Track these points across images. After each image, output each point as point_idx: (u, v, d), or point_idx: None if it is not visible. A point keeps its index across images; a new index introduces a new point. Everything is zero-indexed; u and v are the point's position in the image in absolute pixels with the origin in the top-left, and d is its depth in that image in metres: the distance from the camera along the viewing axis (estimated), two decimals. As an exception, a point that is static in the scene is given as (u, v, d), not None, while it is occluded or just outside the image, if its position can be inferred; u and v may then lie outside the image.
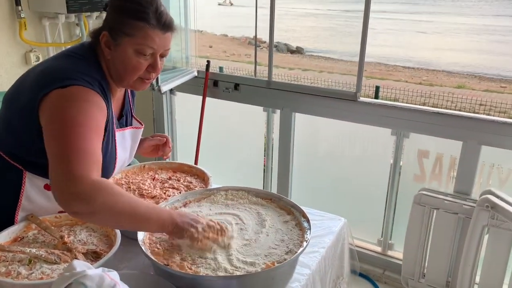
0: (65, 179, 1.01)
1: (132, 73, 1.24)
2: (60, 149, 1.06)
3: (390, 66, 12.49)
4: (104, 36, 1.22)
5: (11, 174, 1.28)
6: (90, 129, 1.11)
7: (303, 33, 13.40)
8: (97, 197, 1.00)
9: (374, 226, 2.69)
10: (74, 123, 1.08)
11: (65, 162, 1.03)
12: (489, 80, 12.17)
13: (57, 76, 1.16)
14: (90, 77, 1.19)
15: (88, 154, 1.06)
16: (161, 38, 1.22)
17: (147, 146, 1.64)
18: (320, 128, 2.75)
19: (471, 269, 2.16)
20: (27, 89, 1.20)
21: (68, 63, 1.22)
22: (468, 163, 2.23)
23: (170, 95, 3.10)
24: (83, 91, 1.15)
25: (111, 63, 1.25)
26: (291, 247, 1.16)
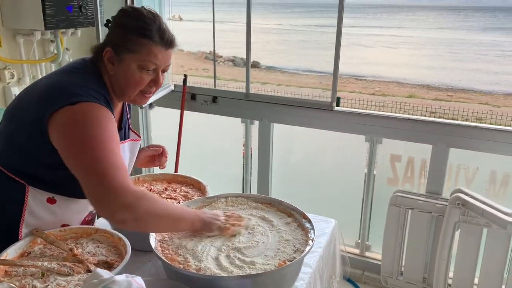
0: (108, 193, 1.07)
1: (134, 87, 1.27)
2: (93, 168, 1.10)
3: (344, 78, 12.95)
4: (108, 52, 1.26)
5: (14, 190, 1.27)
6: (112, 142, 1.15)
7: (259, 48, 13.66)
8: (140, 205, 1.09)
9: (351, 229, 2.81)
10: (98, 140, 1.12)
11: (103, 178, 1.08)
12: (436, 89, 12.85)
13: (64, 93, 1.18)
14: (96, 92, 1.22)
15: (120, 166, 1.11)
16: (163, 55, 1.26)
17: (143, 157, 1.65)
18: (298, 137, 2.86)
19: (446, 264, 2.31)
20: (32, 105, 1.21)
21: (73, 78, 1.24)
22: (438, 165, 2.40)
23: (147, 109, 3.11)
24: (93, 107, 1.18)
25: (114, 78, 1.28)
26: (298, 246, 1.23)
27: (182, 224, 1.23)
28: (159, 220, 1.16)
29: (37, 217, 1.31)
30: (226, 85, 3.12)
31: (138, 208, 1.08)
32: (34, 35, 2.54)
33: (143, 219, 1.11)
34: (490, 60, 14.47)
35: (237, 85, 2.92)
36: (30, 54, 2.61)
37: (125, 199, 1.07)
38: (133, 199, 1.08)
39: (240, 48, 2.74)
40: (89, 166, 1.11)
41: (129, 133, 1.51)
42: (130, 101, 1.34)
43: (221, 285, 1.11)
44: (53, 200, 1.30)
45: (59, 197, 1.30)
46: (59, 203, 1.31)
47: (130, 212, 1.07)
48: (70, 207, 1.34)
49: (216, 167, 3.19)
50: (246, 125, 2.89)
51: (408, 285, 2.51)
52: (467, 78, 13.35)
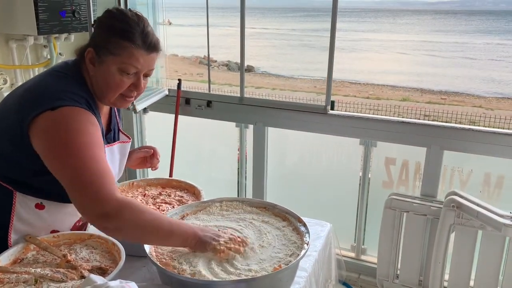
0: (92, 202, 1.08)
1: (114, 90, 1.25)
2: (76, 175, 1.10)
3: (338, 82, 13.01)
4: (89, 53, 1.24)
5: (1, 195, 1.26)
6: (96, 148, 1.14)
7: (253, 53, 13.66)
8: (123, 215, 1.08)
9: (346, 232, 2.80)
10: (80, 147, 1.11)
11: (87, 186, 1.08)
12: (430, 93, 12.93)
13: (45, 97, 1.16)
14: (78, 96, 1.20)
15: (104, 173, 1.10)
16: (145, 59, 1.24)
17: (134, 158, 1.64)
18: (292, 141, 2.86)
19: (441, 266, 2.31)
20: (13, 110, 1.20)
21: (53, 82, 1.22)
22: (432, 167, 2.41)
23: (141, 113, 3.10)
24: (75, 112, 1.16)
25: (94, 79, 1.26)
26: (293, 250, 1.23)
27: (172, 239, 1.16)
28: (144, 232, 1.12)
29: (26, 223, 1.29)
30: (220, 89, 3.13)
31: (121, 218, 1.07)
32: (27, 40, 2.52)
33: (126, 229, 1.10)
34: (483, 63, 14.59)
35: (231, 90, 2.93)
36: (23, 59, 2.60)
37: (108, 209, 1.06)
38: (116, 208, 1.07)
39: (234, 53, 2.75)
40: (72, 174, 1.10)
41: (119, 134, 1.49)
42: (110, 103, 1.32)
43: (216, 290, 1.10)
44: (41, 205, 1.29)
45: (47, 202, 1.29)
46: (47, 208, 1.30)
47: (113, 221, 1.07)
48: (59, 212, 1.33)
49: (211, 172, 3.18)
50: (240, 129, 2.89)
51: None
52: (461, 81, 13.45)
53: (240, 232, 1.31)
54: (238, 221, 1.38)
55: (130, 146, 1.53)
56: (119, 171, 1.50)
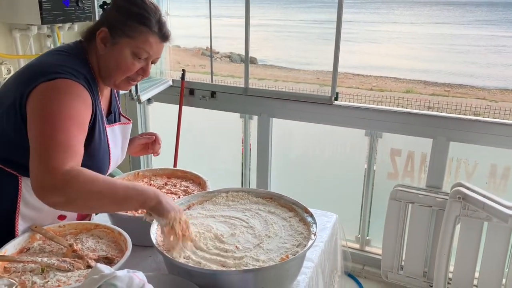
0: (40, 172, 1.04)
1: (123, 72, 1.27)
2: (38, 142, 1.09)
3: (341, 73, 12.91)
4: (102, 32, 1.24)
5: (7, 182, 1.26)
6: (70, 121, 1.12)
7: (256, 44, 13.58)
8: (70, 187, 1.03)
9: (351, 223, 2.80)
10: (54, 115, 1.10)
11: (41, 155, 1.06)
12: (433, 84, 12.85)
13: (43, 71, 1.17)
14: (76, 71, 1.20)
15: (64, 146, 1.07)
16: (158, 46, 1.28)
17: (136, 145, 1.64)
18: (297, 132, 2.84)
19: (446, 258, 2.30)
20: (12, 89, 1.20)
21: (53, 58, 1.24)
22: (438, 159, 2.39)
23: (145, 104, 3.09)
24: (69, 84, 1.16)
25: (103, 59, 1.27)
26: (300, 240, 1.22)
27: (130, 202, 1.11)
28: (96, 201, 1.08)
29: (32, 208, 1.29)
30: (223, 81, 3.10)
31: (68, 191, 1.03)
32: (31, 30, 2.51)
33: (76, 201, 1.05)
34: (488, 54, 14.48)
35: (234, 81, 2.91)
36: (27, 49, 2.59)
37: (54, 181, 1.03)
38: (62, 181, 1.02)
39: (237, 44, 2.72)
40: (36, 141, 1.09)
41: (120, 117, 1.49)
42: (114, 85, 1.32)
43: (223, 279, 1.10)
44: None
45: None
46: None
47: (59, 195, 1.03)
48: None
49: (215, 163, 3.17)
50: (245, 120, 2.88)
51: (408, 279, 2.50)
52: (464, 72, 13.35)
53: (246, 222, 1.31)
54: (244, 211, 1.37)
55: (131, 128, 1.52)
56: (121, 152, 1.48)
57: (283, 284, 1.17)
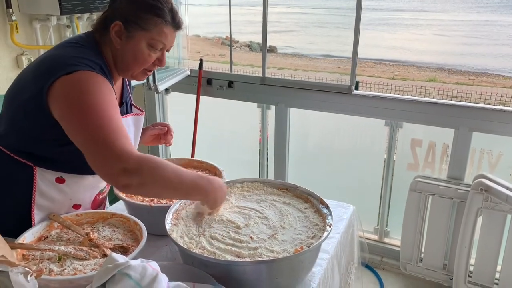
0: (110, 159, 1.06)
1: (141, 64, 1.28)
2: (93, 135, 1.09)
3: (362, 62, 12.69)
4: (117, 26, 1.23)
5: (22, 172, 1.27)
6: (111, 109, 1.14)
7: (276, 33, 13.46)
8: (144, 169, 1.06)
9: (370, 215, 2.77)
10: (96, 108, 1.12)
11: (104, 144, 1.08)
12: (457, 73, 12.52)
13: (59, 64, 1.17)
14: (92, 62, 1.20)
15: (121, 131, 1.11)
16: (172, 35, 1.28)
17: (148, 135, 1.64)
18: (315, 122, 2.81)
19: (467, 251, 2.26)
20: (29, 82, 1.21)
21: (68, 51, 1.23)
22: (460, 149, 2.33)
23: (163, 94, 3.10)
24: (89, 75, 1.17)
25: (120, 52, 1.27)
26: (315, 232, 1.21)
27: (195, 194, 1.19)
28: (167, 188, 1.12)
29: (47, 198, 1.31)
30: (242, 70, 3.08)
31: (142, 172, 1.06)
32: (50, 20, 2.53)
33: (148, 184, 1.08)
34: (516, 42, 14.01)
35: (253, 70, 2.88)
36: (47, 40, 2.62)
37: (128, 164, 1.05)
38: (137, 163, 1.05)
39: (257, 33, 2.70)
40: (90, 134, 1.10)
41: (132, 108, 1.49)
42: (132, 77, 1.33)
43: (238, 270, 1.09)
44: (61, 179, 1.30)
45: (67, 175, 1.30)
46: (68, 182, 1.31)
47: (134, 177, 1.05)
48: (79, 185, 1.33)
49: (232, 152, 3.17)
50: (262, 110, 2.86)
51: (427, 271, 2.47)
52: (490, 61, 12.96)
53: (261, 213, 1.30)
54: (259, 202, 1.36)
55: (143, 119, 1.52)
56: (134, 144, 1.48)
57: (297, 276, 1.17)
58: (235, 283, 1.09)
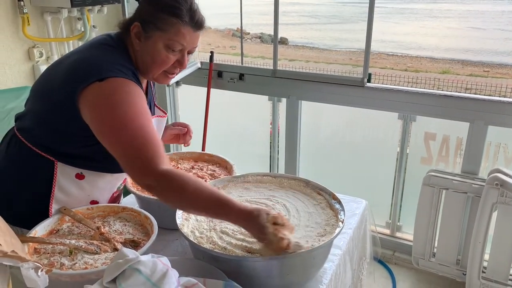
0: (138, 174, 1.11)
1: (159, 66, 1.25)
2: (126, 147, 1.12)
3: (375, 54, 12.52)
4: (136, 27, 1.23)
5: (43, 166, 1.28)
6: (144, 118, 1.15)
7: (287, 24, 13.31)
8: (163, 190, 1.09)
9: (382, 209, 2.74)
10: (129, 117, 1.12)
11: (134, 159, 1.11)
12: (472, 65, 12.30)
13: (93, 68, 1.16)
14: (124, 67, 1.20)
15: (150, 144, 1.11)
16: (191, 36, 1.23)
17: (168, 134, 1.64)
18: (326, 115, 2.78)
19: (482, 246, 2.22)
20: (60, 83, 1.20)
21: (100, 54, 1.22)
22: (475, 143, 2.29)
23: (174, 87, 3.09)
24: (122, 82, 1.16)
25: (139, 54, 1.26)
26: (326, 228, 1.19)
27: (216, 214, 1.11)
28: (185, 206, 1.13)
29: (66, 193, 1.31)
30: (253, 62, 3.07)
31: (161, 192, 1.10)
32: (61, 13, 2.54)
33: (167, 201, 1.12)
34: (532, 33, 13.71)
35: (264, 62, 2.86)
36: (58, 32, 2.62)
37: (149, 182, 1.09)
38: (157, 183, 1.08)
39: (268, 25, 2.67)
40: (122, 146, 1.12)
41: (155, 110, 1.49)
42: (153, 79, 1.31)
43: (249, 266, 1.08)
44: (81, 175, 1.30)
45: (87, 172, 1.30)
46: (87, 178, 1.31)
47: (155, 193, 1.11)
48: (98, 183, 1.34)
49: (243, 146, 3.16)
50: (273, 103, 2.83)
51: (440, 267, 2.44)
52: (506, 51, 12.71)
53: (272, 208, 1.28)
54: (269, 197, 1.35)
55: (165, 121, 1.53)
56: None
57: (308, 272, 1.15)
58: (246, 278, 1.08)
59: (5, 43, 2.41)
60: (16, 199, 1.31)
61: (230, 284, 1.02)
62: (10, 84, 2.45)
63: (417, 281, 2.54)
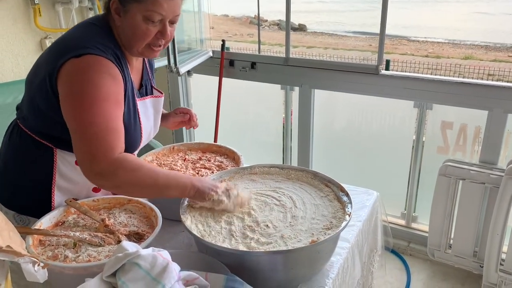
0: (87, 159, 1.11)
1: (141, 40, 1.22)
2: (79, 128, 1.13)
3: (395, 39, 12.25)
4: (114, 3, 1.21)
5: (43, 153, 1.29)
6: (106, 103, 1.14)
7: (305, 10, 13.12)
8: (117, 175, 1.10)
9: (397, 199, 2.69)
10: (90, 99, 1.12)
11: (84, 141, 1.12)
12: (495, 50, 11.93)
13: (72, 44, 1.17)
14: (103, 45, 1.19)
15: (106, 131, 1.11)
16: (169, 4, 1.19)
17: (172, 122, 1.65)
18: (340, 103, 2.73)
19: (500, 238, 2.16)
20: (44, 64, 1.21)
21: (81, 31, 1.24)
22: (494, 132, 2.21)
23: (186, 76, 3.08)
24: (97, 61, 1.15)
25: (121, 30, 1.24)
26: (333, 221, 1.16)
27: (170, 191, 1.16)
28: (140, 189, 1.15)
29: (67, 180, 1.32)
30: (271, 50, 3.03)
31: (116, 178, 1.10)
32: (72, 3, 2.53)
33: (122, 187, 1.13)
34: (559, 16, 13.19)
35: (282, 50, 2.81)
36: (69, 23, 2.62)
37: (102, 169, 1.09)
38: (110, 169, 1.09)
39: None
40: (78, 128, 1.13)
41: (152, 90, 1.46)
42: (139, 54, 1.28)
43: (252, 260, 1.06)
44: None
45: None
46: None
47: (107, 181, 1.11)
48: None
49: (256, 135, 3.13)
50: (286, 92, 2.79)
51: (456, 258, 2.38)
52: (532, 37, 12.28)
53: (278, 200, 1.26)
54: (276, 189, 1.32)
55: (163, 101, 1.49)
56: (154, 126, 1.47)
57: (314, 266, 1.13)
58: (250, 272, 1.06)
59: (17, 34, 2.42)
60: (21, 188, 1.33)
61: (232, 278, 1.01)
62: (23, 75, 2.45)
63: (433, 273, 2.49)
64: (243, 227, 1.14)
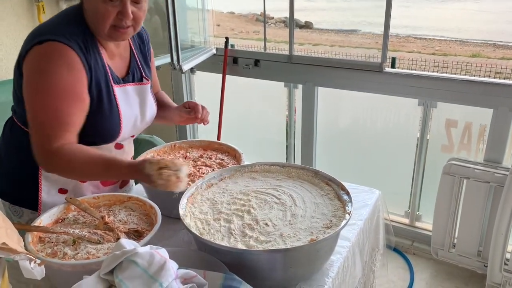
0: (34, 146, 1.21)
1: (102, 21, 1.20)
2: (32, 116, 1.20)
3: (402, 37, 12.16)
4: None
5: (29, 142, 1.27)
6: (56, 95, 1.17)
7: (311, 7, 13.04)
8: (54, 163, 1.21)
9: (400, 198, 2.67)
10: (45, 91, 1.17)
11: (34, 129, 1.21)
12: (504, 47, 11.80)
13: (38, 32, 1.21)
14: (69, 33, 1.19)
15: (53, 123, 1.18)
16: None
17: (178, 117, 1.58)
18: (344, 101, 2.71)
19: (504, 238, 2.14)
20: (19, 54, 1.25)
21: (53, 19, 1.27)
22: (499, 131, 2.19)
23: (189, 74, 3.07)
24: (56, 49, 1.17)
25: (86, 14, 1.24)
26: (332, 219, 1.15)
27: (110, 174, 1.24)
28: (81, 174, 1.25)
29: None
30: (276, 47, 3.01)
31: (52, 166, 1.22)
32: (76, 0, 2.53)
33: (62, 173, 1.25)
34: None
35: (287, 47, 2.79)
36: (73, 20, 2.62)
37: (40, 158, 1.20)
38: (46, 160, 1.20)
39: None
40: (29, 114, 1.20)
41: (142, 79, 1.42)
42: (107, 37, 1.25)
43: (251, 258, 1.06)
44: None
45: None
46: None
47: (45, 167, 1.24)
48: None
49: (260, 133, 3.12)
50: (289, 89, 2.78)
51: (460, 258, 2.36)
52: (541, 34, 12.15)
53: (278, 198, 1.25)
54: (276, 187, 1.31)
55: (149, 88, 1.45)
56: (140, 115, 1.42)
57: (313, 265, 1.12)
58: (249, 271, 1.05)
59: (21, 32, 2.43)
60: (12, 178, 1.37)
61: (231, 277, 1.00)
62: (27, 72, 2.47)
63: (436, 272, 2.48)
64: (242, 225, 1.14)
